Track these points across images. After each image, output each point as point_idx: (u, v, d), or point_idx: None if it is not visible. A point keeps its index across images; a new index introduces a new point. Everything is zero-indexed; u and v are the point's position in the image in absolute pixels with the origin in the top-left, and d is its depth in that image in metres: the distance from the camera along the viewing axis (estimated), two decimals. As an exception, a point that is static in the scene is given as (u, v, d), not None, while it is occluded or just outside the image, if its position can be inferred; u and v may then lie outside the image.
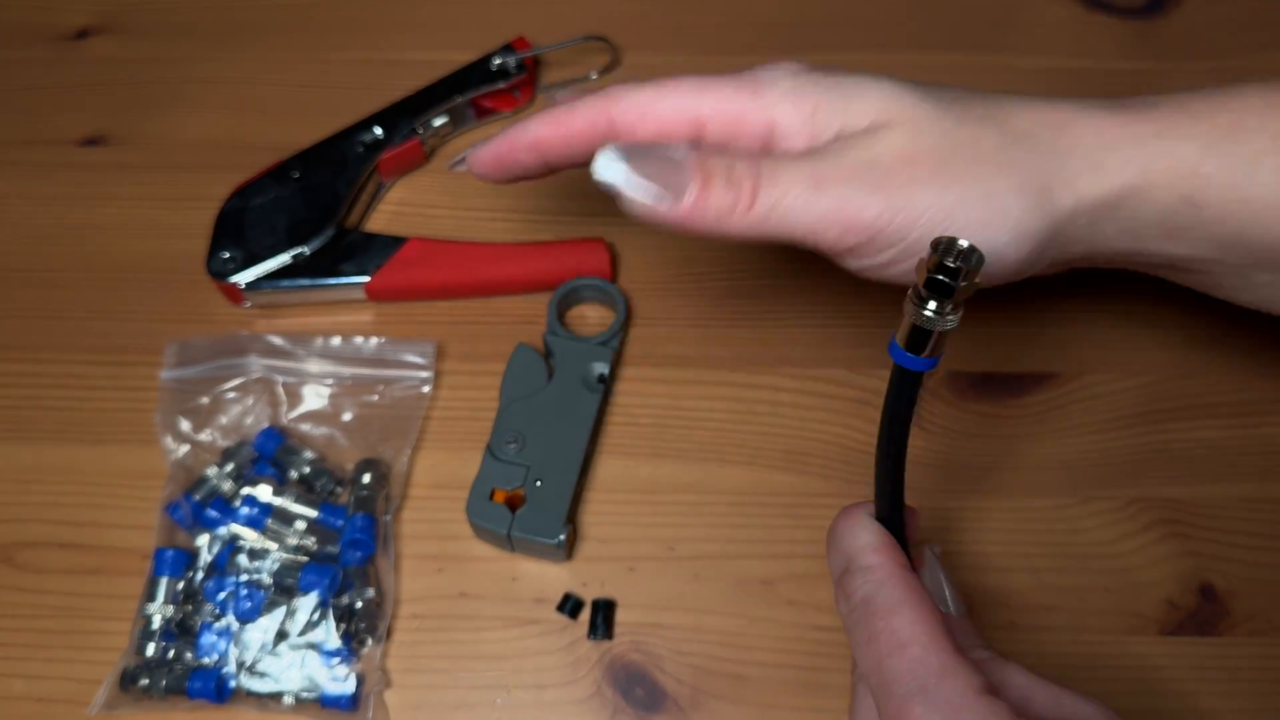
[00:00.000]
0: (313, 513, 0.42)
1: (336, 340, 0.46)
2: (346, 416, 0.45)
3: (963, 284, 0.25)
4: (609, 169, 0.30)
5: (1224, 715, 0.39)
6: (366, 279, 0.46)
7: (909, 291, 0.26)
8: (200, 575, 0.41)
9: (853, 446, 0.44)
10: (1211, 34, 0.55)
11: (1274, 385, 0.45)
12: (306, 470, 0.43)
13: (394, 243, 0.47)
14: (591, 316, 0.47)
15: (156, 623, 0.40)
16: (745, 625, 0.41)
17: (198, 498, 0.42)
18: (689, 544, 0.42)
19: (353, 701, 0.39)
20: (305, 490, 0.43)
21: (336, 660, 0.40)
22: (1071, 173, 0.31)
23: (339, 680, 0.39)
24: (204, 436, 0.44)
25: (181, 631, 0.40)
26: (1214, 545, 0.42)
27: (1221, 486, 0.43)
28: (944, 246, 0.25)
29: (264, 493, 0.42)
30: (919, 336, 0.26)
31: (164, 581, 0.41)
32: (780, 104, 0.31)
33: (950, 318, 0.26)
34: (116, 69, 0.55)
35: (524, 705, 0.39)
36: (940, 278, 0.25)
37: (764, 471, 0.44)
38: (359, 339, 0.46)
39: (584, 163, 0.33)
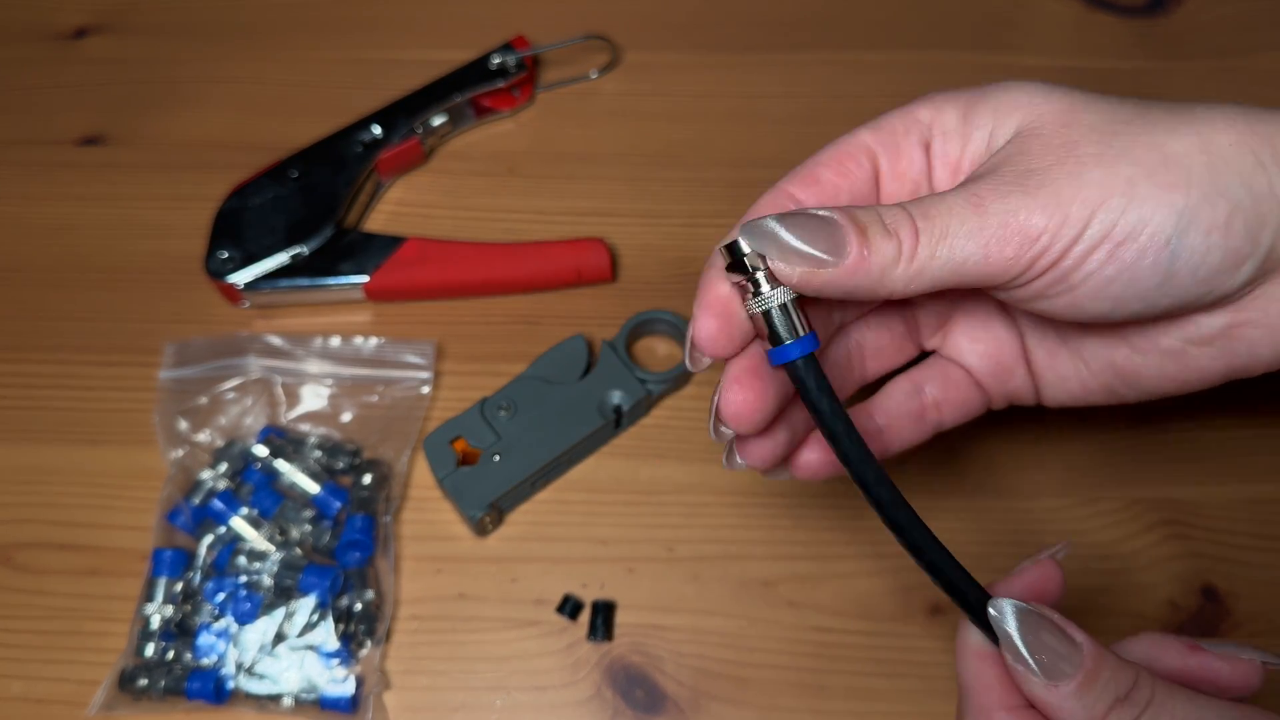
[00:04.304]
0: (315, 487, 0.42)
1: (335, 340, 0.45)
2: (346, 417, 0.45)
3: (750, 251, 0.27)
4: (762, 237, 0.27)
5: (1226, 717, 0.39)
6: (365, 279, 0.46)
7: (742, 301, 0.27)
8: (199, 576, 0.41)
9: (853, 447, 0.44)
10: (1213, 33, 0.55)
11: (1277, 385, 0.45)
12: (318, 454, 0.43)
13: (393, 242, 0.47)
14: (661, 350, 0.47)
15: (155, 623, 0.40)
16: (745, 626, 0.41)
17: (196, 502, 0.42)
18: (689, 545, 0.42)
19: (352, 703, 0.39)
20: (316, 467, 0.43)
21: (335, 662, 0.39)
22: (1254, 126, 0.27)
23: (338, 682, 0.39)
24: (202, 437, 0.44)
25: (180, 632, 0.40)
26: (1216, 546, 0.42)
27: (1224, 487, 0.43)
28: (727, 245, 0.27)
29: (262, 450, 0.43)
30: (771, 321, 0.27)
31: (162, 582, 0.41)
32: (932, 110, 0.31)
33: (774, 290, 0.27)
34: (114, 68, 0.55)
35: (523, 707, 0.39)
36: (737, 256, 0.27)
37: (764, 472, 0.43)
38: (358, 339, 0.46)
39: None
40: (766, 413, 0.29)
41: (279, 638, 0.40)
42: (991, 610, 0.27)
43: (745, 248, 0.27)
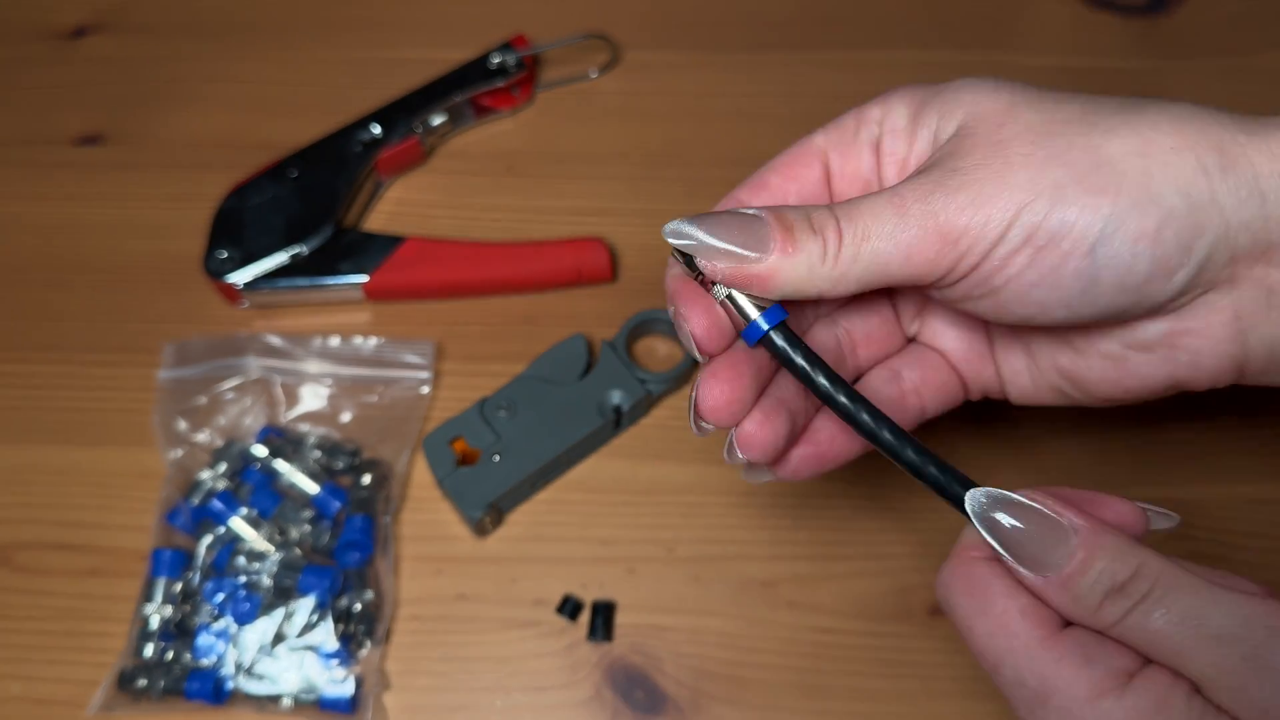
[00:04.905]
0: (315, 487, 0.42)
1: (335, 340, 0.45)
2: (345, 417, 0.44)
3: None
4: (682, 239, 0.28)
5: (1227, 717, 0.39)
6: (365, 278, 0.46)
7: (713, 292, 0.28)
8: (198, 576, 0.41)
9: (854, 447, 0.44)
10: (1215, 32, 0.55)
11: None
12: (317, 454, 0.43)
13: (392, 242, 0.47)
14: (661, 350, 0.47)
15: (154, 624, 0.40)
16: (745, 627, 0.41)
17: (195, 502, 0.42)
18: (689, 545, 0.42)
19: (351, 704, 0.39)
20: (316, 467, 0.43)
21: (335, 662, 0.39)
22: (1206, 129, 0.26)
23: (337, 682, 0.39)
24: (201, 437, 0.44)
25: (179, 633, 0.40)
26: (1218, 547, 0.41)
27: (1225, 488, 0.43)
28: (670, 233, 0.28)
29: (261, 450, 0.43)
30: (735, 303, 0.28)
31: (161, 582, 0.41)
32: (883, 108, 0.31)
33: None
34: (114, 67, 0.55)
35: (523, 707, 0.39)
36: (685, 255, 0.28)
37: (764, 472, 0.43)
38: (357, 339, 0.45)
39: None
40: (744, 404, 0.28)
41: (278, 638, 0.40)
42: (968, 503, 0.26)
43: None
